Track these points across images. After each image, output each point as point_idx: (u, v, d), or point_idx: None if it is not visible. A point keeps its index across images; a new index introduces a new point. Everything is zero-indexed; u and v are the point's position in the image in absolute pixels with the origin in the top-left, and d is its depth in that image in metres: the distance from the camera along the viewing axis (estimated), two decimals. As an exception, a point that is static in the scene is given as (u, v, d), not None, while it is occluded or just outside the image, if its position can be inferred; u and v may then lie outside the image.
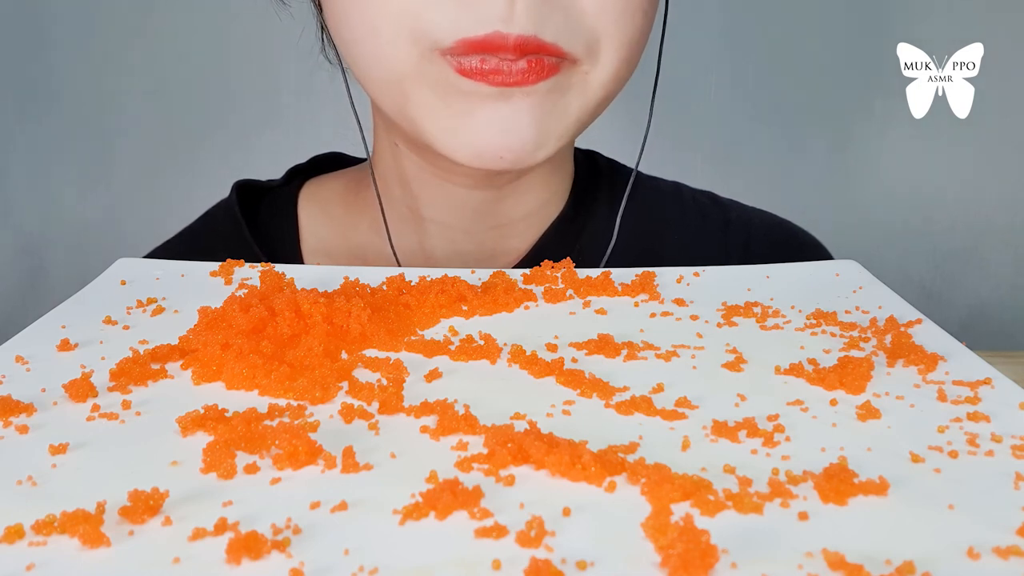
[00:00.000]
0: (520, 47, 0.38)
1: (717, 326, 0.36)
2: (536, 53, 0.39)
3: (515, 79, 0.39)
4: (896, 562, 0.21)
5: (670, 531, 0.22)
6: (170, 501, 0.24)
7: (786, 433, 0.27)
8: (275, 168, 0.57)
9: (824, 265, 0.43)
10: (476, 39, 0.38)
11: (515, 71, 0.39)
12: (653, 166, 0.58)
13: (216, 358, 0.32)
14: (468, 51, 0.39)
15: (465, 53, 0.39)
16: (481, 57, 0.39)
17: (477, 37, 0.38)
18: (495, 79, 0.39)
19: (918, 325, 0.36)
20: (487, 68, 0.39)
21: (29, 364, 0.32)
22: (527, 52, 0.39)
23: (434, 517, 0.23)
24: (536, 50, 0.39)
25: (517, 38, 0.38)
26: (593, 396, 0.30)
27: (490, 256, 0.51)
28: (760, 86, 0.93)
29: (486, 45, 0.38)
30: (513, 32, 0.38)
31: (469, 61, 0.39)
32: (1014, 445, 0.27)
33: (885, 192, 0.95)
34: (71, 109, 0.92)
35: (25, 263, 0.96)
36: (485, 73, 0.39)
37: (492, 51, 0.38)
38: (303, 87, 0.91)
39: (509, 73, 0.39)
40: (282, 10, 0.51)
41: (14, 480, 0.25)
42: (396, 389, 0.30)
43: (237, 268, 0.41)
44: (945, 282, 0.96)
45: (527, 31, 0.38)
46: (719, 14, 0.91)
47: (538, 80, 0.40)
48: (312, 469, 0.26)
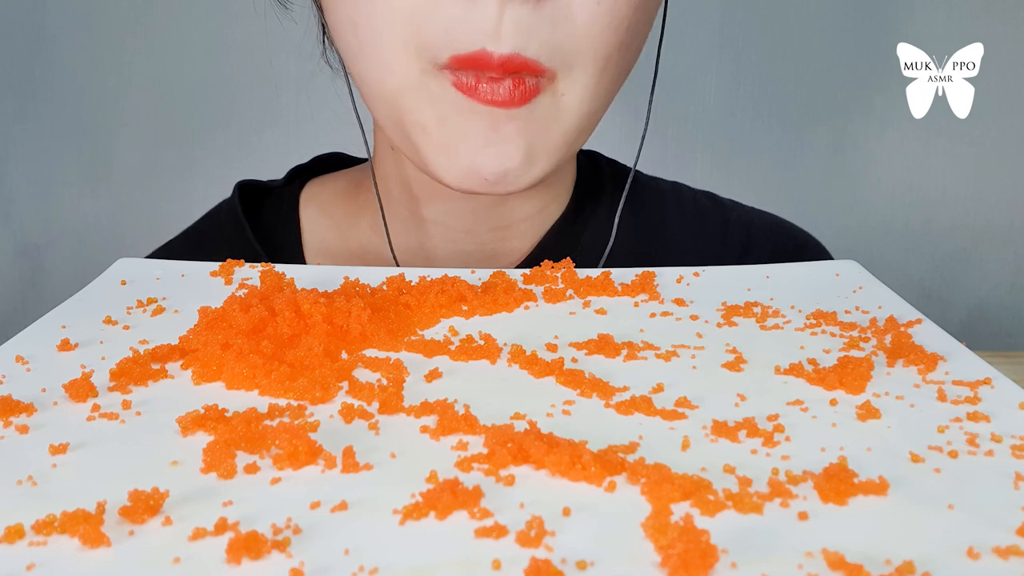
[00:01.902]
0: (503, 65, 0.39)
1: (717, 326, 0.36)
2: (519, 71, 0.39)
3: (502, 99, 0.40)
4: (896, 562, 0.21)
5: (670, 531, 0.22)
6: (170, 501, 0.24)
7: (786, 433, 0.27)
8: (276, 168, 0.57)
9: (824, 265, 0.43)
10: (465, 56, 0.39)
11: (501, 92, 0.39)
12: (653, 166, 0.58)
13: (216, 358, 0.32)
14: (461, 66, 0.39)
15: (458, 68, 0.40)
16: (475, 74, 0.39)
17: (466, 54, 0.39)
18: (484, 96, 0.40)
19: (918, 325, 0.36)
20: (479, 87, 0.40)
21: (29, 364, 0.32)
22: (510, 71, 0.39)
23: (434, 517, 0.23)
24: (519, 67, 0.39)
25: (500, 56, 0.39)
26: (593, 396, 0.30)
27: (491, 257, 0.51)
28: (760, 86, 0.93)
29: (474, 62, 0.39)
30: (498, 51, 0.38)
31: (465, 77, 0.40)
32: (1014, 445, 0.27)
33: (885, 192, 0.95)
34: (71, 109, 0.92)
35: (25, 263, 0.96)
36: (477, 91, 0.40)
37: (480, 68, 0.39)
38: (303, 87, 0.91)
39: (495, 94, 0.40)
40: (284, 14, 0.51)
41: (14, 480, 0.25)
42: (396, 389, 0.30)
43: (237, 268, 0.41)
44: (945, 282, 0.96)
45: (512, 49, 0.39)
46: (719, 14, 0.91)
47: (522, 103, 0.40)
48: (312, 469, 0.25)
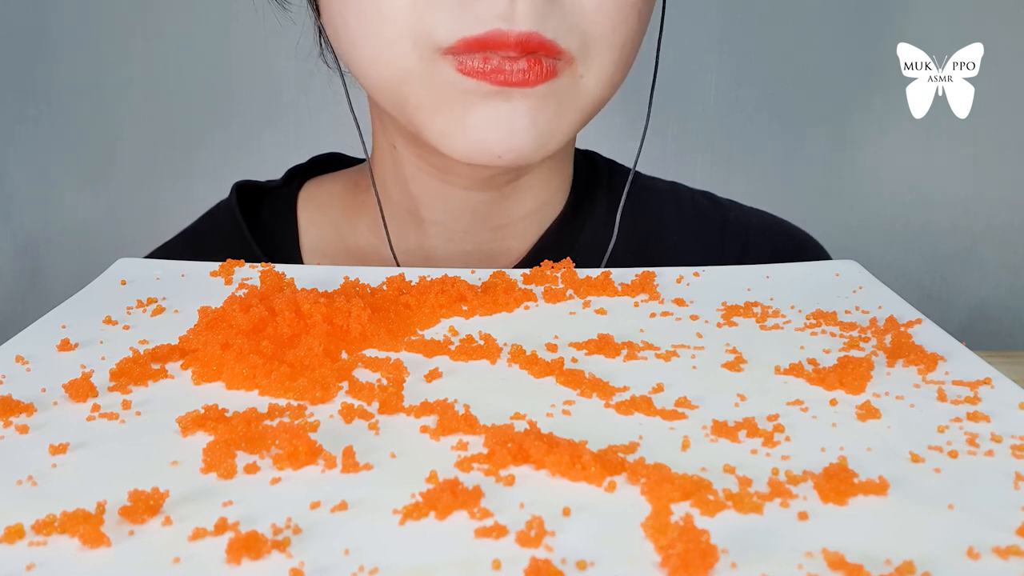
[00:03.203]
0: (522, 44, 0.38)
1: (717, 326, 0.36)
2: (536, 51, 0.39)
3: (516, 78, 0.39)
4: (896, 562, 0.21)
5: (670, 531, 0.22)
6: (170, 501, 0.24)
7: (786, 433, 0.27)
8: (275, 168, 0.57)
9: (824, 265, 0.43)
10: (476, 38, 0.38)
11: (516, 71, 0.39)
12: (653, 166, 0.58)
13: (216, 358, 0.32)
14: (469, 50, 0.39)
15: (466, 52, 0.39)
16: (483, 55, 0.39)
17: (478, 36, 0.38)
18: (496, 78, 0.39)
19: (918, 325, 0.36)
20: (489, 68, 0.39)
21: (29, 364, 0.32)
22: (528, 50, 0.39)
23: (434, 517, 0.23)
24: (537, 47, 0.39)
25: (518, 35, 0.38)
26: (593, 396, 0.30)
27: (489, 256, 0.51)
28: (760, 86, 0.92)
29: (487, 43, 0.38)
30: (514, 29, 0.38)
31: (471, 61, 0.39)
32: (1014, 445, 0.27)
33: (885, 192, 0.95)
34: (71, 109, 0.92)
35: (25, 263, 0.96)
36: (487, 73, 0.39)
37: (493, 49, 0.39)
38: (303, 87, 0.91)
39: (511, 72, 0.39)
40: (283, 14, 0.51)
41: (14, 480, 0.25)
42: (396, 389, 0.30)
43: (237, 268, 0.41)
44: (945, 282, 0.96)
45: (528, 28, 0.38)
46: (719, 14, 0.91)
47: (537, 82, 0.40)
48: (312, 469, 0.25)
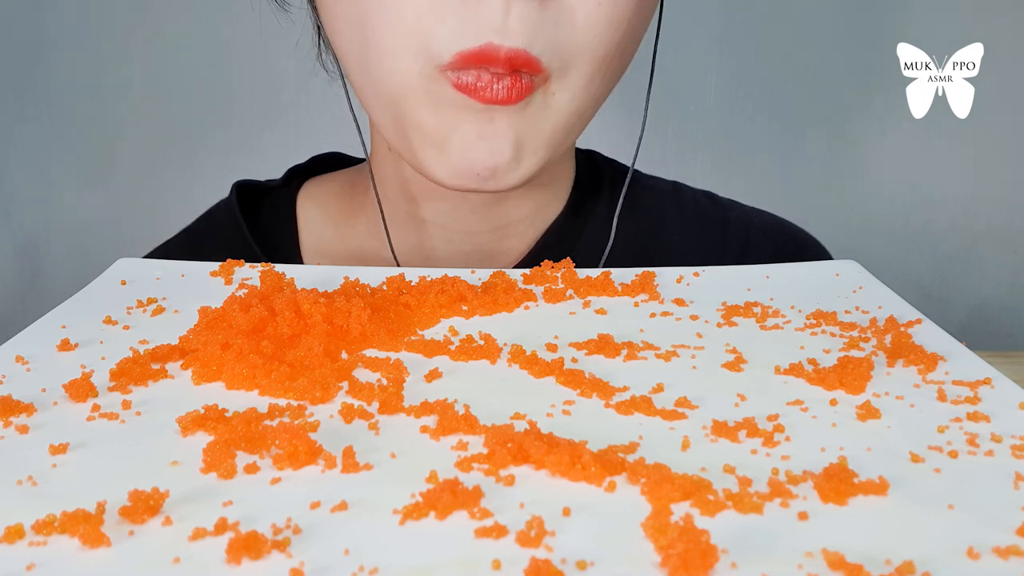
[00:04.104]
0: (510, 61, 0.39)
1: (717, 326, 0.36)
2: (521, 68, 0.39)
3: (501, 97, 0.39)
4: (896, 562, 0.21)
5: (670, 531, 0.22)
6: (170, 501, 0.24)
7: (786, 433, 0.27)
8: (275, 168, 0.57)
9: (824, 265, 0.43)
10: (471, 51, 0.39)
11: (500, 89, 0.39)
12: (653, 166, 0.58)
13: (216, 358, 0.32)
14: (465, 65, 0.39)
15: (462, 67, 0.39)
16: (476, 73, 0.39)
17: (473, 49, 0.39)
18: (484, 95, 0.39)
19: (918, 325, 0.36)
20: (480, 84, 0.39)
21: (29, 364, 0.32)
22: (516, 67, 0.39)
23: (434, 517, 0.23)
24: (522, 65, 0.39)
25: (508, 51, 0.38)
26: (593, 396, 0.30)
27: (489, 256, 0.50)
28: (760, 86, 0.92)
29: (480, 57, 0.39)
30: (505, 45, 0.38)
31: (466, 77, 0.39)
32: (1014, 445, 0.27)
33: (885, 192, 0.95)
34: (71, 109, 0.92)
35: (25, 263, 0.96)
36: (477, 90, 0.39)
37: (485, 64, 0.39)
38: (303, 87, 0.91)
39: (496, 91, 0.39)
40: (283, 16, 0.51)
41: (14, 480, 0.25)
42: (396, 389, 0.30)
43: (237, 268, 0.41)
44: (945, 282, 0.96)
45: (518, 44, 0.38)
46: (719, 14, 0.91)
47: (518, 99, 0.40)
48: (312, 469, 0.26)
